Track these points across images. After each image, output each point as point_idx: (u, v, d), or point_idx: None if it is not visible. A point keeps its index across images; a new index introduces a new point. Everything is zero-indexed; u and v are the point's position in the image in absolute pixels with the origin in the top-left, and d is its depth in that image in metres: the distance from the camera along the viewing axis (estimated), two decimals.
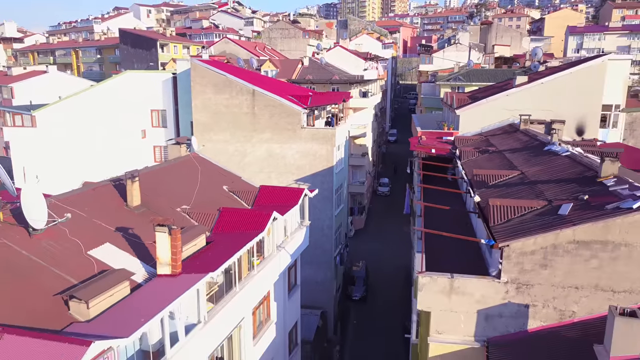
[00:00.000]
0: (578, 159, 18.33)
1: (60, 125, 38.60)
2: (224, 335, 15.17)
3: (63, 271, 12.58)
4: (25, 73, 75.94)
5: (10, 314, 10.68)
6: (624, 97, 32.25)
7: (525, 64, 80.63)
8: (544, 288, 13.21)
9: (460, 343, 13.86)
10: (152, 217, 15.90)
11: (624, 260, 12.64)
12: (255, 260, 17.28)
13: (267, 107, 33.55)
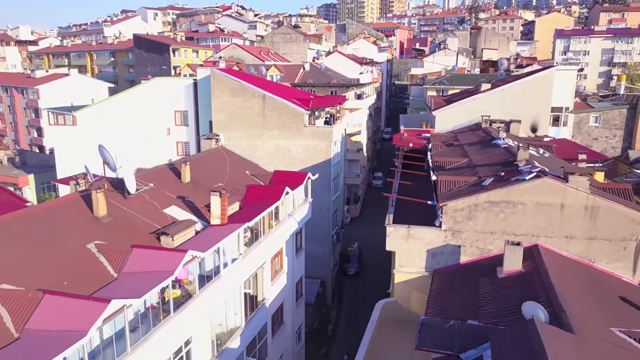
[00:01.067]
0: (509, 149, 24.81)
1: (97, 123, 45.03)
2: (253, 270, 21.67)
3: (149, 220, 19.08)
4: (48, 75, 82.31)
5: (123, 244, 17.11)
6: (572, 101, 38.66)
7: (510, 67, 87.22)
8: (470, 234, 19.71)
9: (415, 273, 20.37)
10: (199, 190, 22.52)
11: (520, 214, 19.15)
12: (272, 222, 23.78)
13: (275, 109, 40.01)
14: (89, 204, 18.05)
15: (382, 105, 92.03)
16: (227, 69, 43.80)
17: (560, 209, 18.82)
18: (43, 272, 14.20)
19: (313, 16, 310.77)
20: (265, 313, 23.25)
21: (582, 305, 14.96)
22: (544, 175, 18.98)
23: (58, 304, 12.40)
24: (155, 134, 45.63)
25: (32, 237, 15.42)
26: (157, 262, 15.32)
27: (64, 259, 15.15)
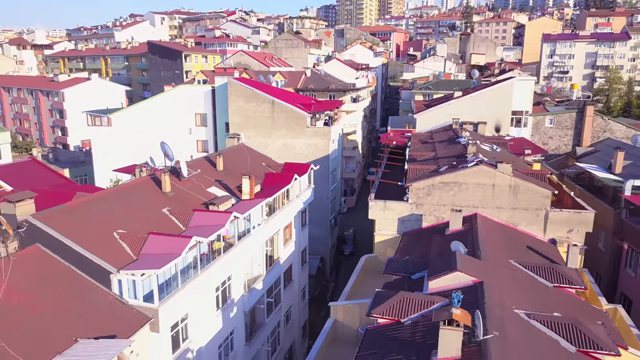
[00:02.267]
0: (466, 145, 32.33)
1: (129, 124, 52.55)
2: (270, 234, 29.24)
3: (199, 196, 26.66)
4: (70, 80, 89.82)
5: (185, 210, 24.64)
6: (531, 105, 46.17)
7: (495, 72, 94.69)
8: (429, 206, 27.28)
9: (390, 235, 27.94)
10: (230, 176, 30.10)
11: (464, 191, 26.72)
12: (285, 201, 31.35)
13: (282, 112, 47.56)
14: (157, 183, 25.63)
15: (377, 106, 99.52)
16: (241, 78, 51.36)
17: (492, 187, 26.42)
18: (141, 223, 21.80)
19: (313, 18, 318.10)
20: (279, 268, 30.83)
21: (495, 248, 22.54)
22: (480, 164, 26.57)
23: (159, 240, 19.99)
24: (178, 133, 53.15)
25: (129, 203, 23.03)
26: (212, 219, 22.91)
27: (150, 217, 22.75)
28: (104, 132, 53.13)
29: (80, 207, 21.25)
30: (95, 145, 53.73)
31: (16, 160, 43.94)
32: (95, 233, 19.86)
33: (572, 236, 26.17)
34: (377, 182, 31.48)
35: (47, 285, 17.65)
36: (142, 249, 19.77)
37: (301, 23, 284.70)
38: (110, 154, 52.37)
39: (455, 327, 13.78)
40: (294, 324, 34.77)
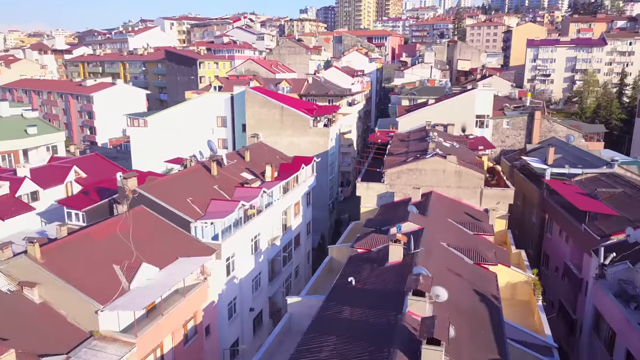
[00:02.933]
0: (430, 142, 43.18)
1: (163, 125, 63.30)
2: (285, 207, 40.15)
3: (235, 178, 37.57)
4: (97, 84, 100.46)
5: (228, 187, 35.54)
6: (491, 110, 56.97)
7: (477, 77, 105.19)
8: (399, 186, 38.16)
9: (371, 207, 38.81)
10: (255, 165, 41.03)
11: (424, 175, 37.61)
12: (295, 184, 42.24)
13: (290, 116, 58.38)
14: (207, 169, 36.52)
15: (372, 107, 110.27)
16: (255, 87, 62.22)
17: (443, 172, 37.33)
18: (202, 194, 32.69)
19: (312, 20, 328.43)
20: (291, 233, 41.74)
21: (438, 211, 33.42)
22: (435, 156, 37.48)
23: (218, 203, 30.91)
24: (202, 132, 63.85)
25: (191, 181, 33.91)
26: (249, 193, 33.82)
27: (206, 191, 33.63)
28: (140, 131, 63.90)
29: (162, 184, 32.18)
30: (133, 142, 64.47)
31: (83, 155, 54.72)
32: (176, 199, 30.76)
33: (499, 207, 37.10)
34: (364, 170, 42.43)
35: (152, 229, 28.56)
36: (207, 209, 30.69)
37: (301, 25, 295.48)
38: (146, 149, 63.13)
39: (398, 244, 24.70)
40: (300, 279, 45.66)
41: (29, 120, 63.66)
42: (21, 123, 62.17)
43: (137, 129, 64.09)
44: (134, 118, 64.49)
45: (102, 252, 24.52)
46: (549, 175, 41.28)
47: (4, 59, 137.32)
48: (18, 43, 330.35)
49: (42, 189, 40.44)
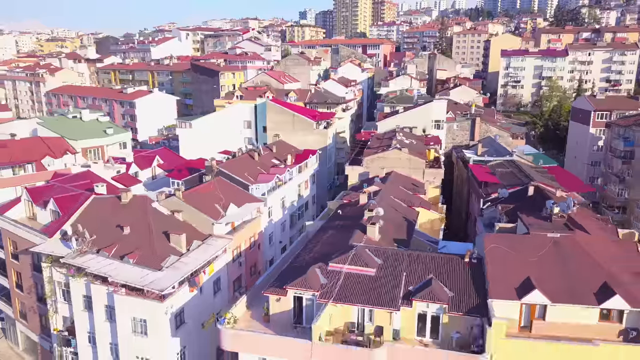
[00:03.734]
0: (394, 140, 64.93)
1: (203, 127, 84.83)
2: (300, 181, 62.00)
3: (268, 163, 59.39)
4: (136, 92, 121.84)
5: (265, 167, 57.28)
6: (445, 116, 78.57)
7: (450, 86, 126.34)
8: (372, 167, 60.00)
9: (354, 181, 60.52)
10: (280, 154, 63.12)
11: (388, 161, 59.39)
12: (305, 167, 64.09)
13: (299, 121, 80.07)
14: (251, 157, 58.28)
15: (363, 111, 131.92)
16: (273, 99, 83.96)
17: (399, 159, 59.11)
18: (251, 171, 54.45)
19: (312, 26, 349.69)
20: (302, 200, 63.55)
21: (395, 182, 55.18)
22: (395, 148, 59.28)
23: (264, 175, 52.80)
24: (233, 133, 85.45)
25: (242, 164, 55.66)
26: (278, 171, 55.68)
27: (253, 169, 55.37)
28: (187, 131, 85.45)
29: (229, 164, 53.93)
30: (181, 139, 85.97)
31: (154, 149, 76.36)
32: (238, 173, 52.45)
33: (435, 180, 58.89)
34: (351, 158, 64.28)
35: (228, 189, 50.24)
36: (257, 179, 52.48)
37: (302, 31, 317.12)
38: (191, 144, 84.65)
39: (364, 194, 46.50)
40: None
41: (103, 123, 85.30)
42: (99, 126, 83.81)
43: (184, 130, 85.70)
44: (182, 122, 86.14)
45: (208, 198, 46.17)
46: (472, 161, 63.13)
47: (46, 67, 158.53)
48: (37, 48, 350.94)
49: (140, 170, 62.23)
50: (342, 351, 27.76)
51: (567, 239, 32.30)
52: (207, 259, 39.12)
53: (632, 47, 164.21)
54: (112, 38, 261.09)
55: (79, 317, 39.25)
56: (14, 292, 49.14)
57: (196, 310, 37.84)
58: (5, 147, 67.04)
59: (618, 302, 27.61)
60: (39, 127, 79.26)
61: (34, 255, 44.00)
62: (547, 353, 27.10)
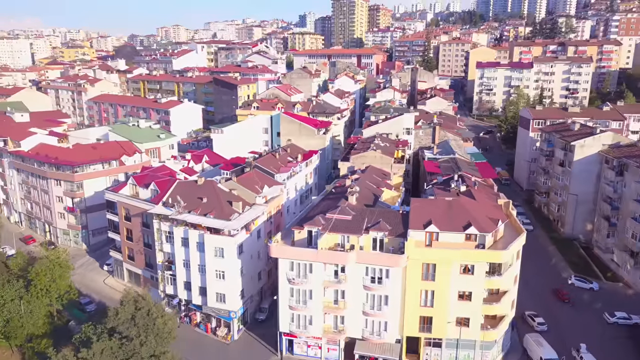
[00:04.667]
0: (372, 143, 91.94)
1: (232, 133, 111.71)
2: (306, 173, 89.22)
3: (286, 159, 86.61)
4: (169, 102, 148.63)
5: (283, 162, 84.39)
6: (413, 124, 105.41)
7: (428, 96, 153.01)
8: (356, 163, 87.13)
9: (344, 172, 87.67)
10: (293, 154, 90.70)
11: (366, 158, 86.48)
12: (310, 163, 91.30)
13: (304, 128, 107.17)
14: (273, 155, 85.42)
15: (356, 117, 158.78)
16: (286, 112, 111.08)
17: (374, 157, 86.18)
18: (273, 165, 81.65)
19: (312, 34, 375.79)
20: (308, 186, 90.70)
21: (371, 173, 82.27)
22: (370, 150, 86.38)
23: (283, 168, 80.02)
24: (253, 137, 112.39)
25: (267, 160, 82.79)
26: (293, 165, 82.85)
27: (275, 164, 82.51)
28: (219, 136, 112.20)
29: (259, 161, 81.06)
30: (215, 141, 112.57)
31: (197, 151, 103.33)
32: (266, 165, 79.50)
33: (399, 172, 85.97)
34: (343, 156, 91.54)
35: (261, 176, 77.38)
36: (279, 170, 79.63)
37: (302, 39, 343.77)
38: (222, 146, 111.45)
39: (349, 179, 73.70)
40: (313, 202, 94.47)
41: (155, 130, 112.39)
42: (153, 132, 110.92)
43: (218, 134, 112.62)
44: (215, 129, 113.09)
45: (250, 181, 73.06)
46: (427, 159, 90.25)
47: (84, 78, 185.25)
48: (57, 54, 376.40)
49: (195, 164, 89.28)
50: (332, 253, 55.02)
51: (455, 201, 59.47)
52: (254, 217, 66.14)
53: (587, 60, 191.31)
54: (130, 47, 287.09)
55: (178, 251, 66.26)
56: (124, 242, 76.23)
57: (248, 246, 64.91)
58: (96, 149, 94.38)
59: (473, 230, 54.74)
60: (110, 133, 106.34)
61: (144, 216, 71.06)
62: (435, 254, 54.30)
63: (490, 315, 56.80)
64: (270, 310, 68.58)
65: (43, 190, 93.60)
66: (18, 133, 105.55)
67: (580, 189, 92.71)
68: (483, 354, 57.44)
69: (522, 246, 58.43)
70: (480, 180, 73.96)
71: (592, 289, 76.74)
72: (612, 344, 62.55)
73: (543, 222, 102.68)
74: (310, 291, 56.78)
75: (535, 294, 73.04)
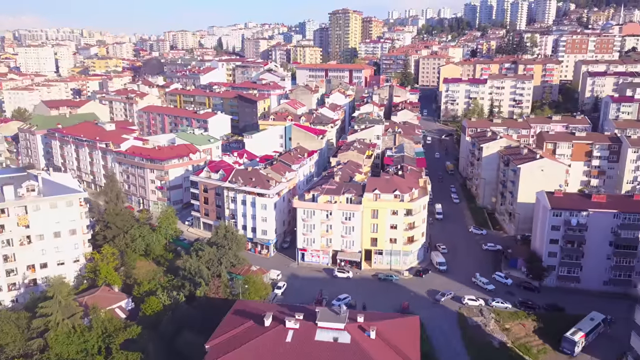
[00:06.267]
0: (352, 146, 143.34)
1: (259, 138, 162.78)
2: (310, 164, 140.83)
3: (297, 156, 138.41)
4: (206, 113, 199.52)
5: (297, 158, 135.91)
6: (382, 132, 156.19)
7: (399, 109, 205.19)
8: (342, 159, 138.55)
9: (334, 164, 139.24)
10: (301, 153, 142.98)
11: (348, 156, 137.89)
12: (312, 159, 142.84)
13: (309, 135, 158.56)
14: (289, 153, 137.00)
15: (345, 125, 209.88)
16: (296, 123, 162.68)
17: (353, 154, 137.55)
18: (290, 159, 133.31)
19: (311, 46, 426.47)
20: (311, 174, 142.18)
21: (350, 164, 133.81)
22: (350, 150, 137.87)
23: (297, 160, 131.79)
24: (273, 141, 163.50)
25: (287, 157, 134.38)
26: (302, 159, 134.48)
27: (291, 159, 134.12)
28: (250, 140, 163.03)
29: (281, 157, 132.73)
30: (247, 144, 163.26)
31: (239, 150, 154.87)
32: (286, 160, 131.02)
33: (367, 164, 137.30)
34: (333, 154, 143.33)
35: (282, 166, 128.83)
36: (294, 162, 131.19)
37: (303, 51, 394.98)
38: (252, 147, 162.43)
39: (337, 167, 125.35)
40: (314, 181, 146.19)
41: (205, 136, 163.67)
42: (205, 137, 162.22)
43: (249, 139, 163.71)
44: (247, 135, 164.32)
45: (278, 168, 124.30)
46: (386, 155, 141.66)
47: (133, 92, 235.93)
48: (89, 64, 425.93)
49: (239, 159, 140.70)
50: (325, 205, 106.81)
51: (389, 178, 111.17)
52: (282, 188, 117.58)
53: (529, 77, 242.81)
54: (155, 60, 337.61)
55: (239, 208, 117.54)
56: (202, 205, 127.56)
57: (279, 204, 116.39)
58: (172, 149, 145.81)
59: (397, 192, 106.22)
60: (177, 138, 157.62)
61: (216, 189, 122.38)
62: (378, 204, 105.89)
63: (408, 237, 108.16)
64: (290, 242, 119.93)
65: (140, 176, 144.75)
66: (112, 138, 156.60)
67: (487, 175, 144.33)
68: (404, 259, 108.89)
69: (427, 202, 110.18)
70: (414, 168, 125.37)
71: (482, 233, 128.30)
72: (484, 258, 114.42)
73: (468, 197, 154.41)
74: (314, 225, 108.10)
75: (449, 235, 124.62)
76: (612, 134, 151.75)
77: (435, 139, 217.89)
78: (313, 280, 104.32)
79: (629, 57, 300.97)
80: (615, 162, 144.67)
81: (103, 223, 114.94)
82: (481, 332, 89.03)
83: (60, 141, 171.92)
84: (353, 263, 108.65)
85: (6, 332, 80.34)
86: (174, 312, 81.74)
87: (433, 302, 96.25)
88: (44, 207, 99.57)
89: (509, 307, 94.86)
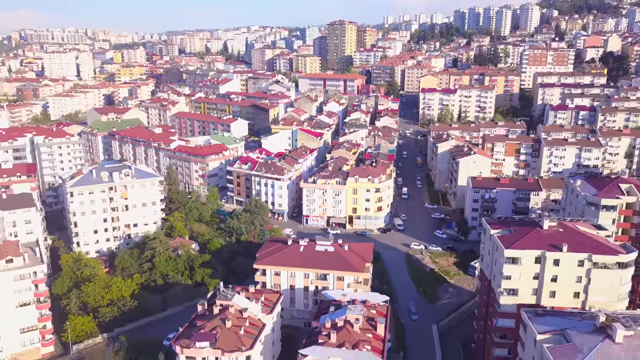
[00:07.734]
0: (341, 145, 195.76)
1: (273, 139, 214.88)
2: (312, 158, 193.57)
3: (302, 153, 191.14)
4: (228, 119, 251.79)
5: (302, 154, 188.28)
6: (365, 136, 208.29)
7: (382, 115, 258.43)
8: (335, 155, 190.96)
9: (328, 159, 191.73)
10: (305, 150, 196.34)
11: (339, 153, 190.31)
12: (313, 155, 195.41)
13: (310, 137, 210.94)
14: (297, 151, 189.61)
15: (339, 128, 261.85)
16: (302, 128, 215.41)
17: (343, 151, 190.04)
18: (299, 155, 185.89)
19: (311, 56, 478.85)
20: (312, 165, 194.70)
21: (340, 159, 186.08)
22: (340, 148, 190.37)
23: (302, 156, 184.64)
24: (283, 142, 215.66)
25: (296, 153, 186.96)
26: (306, 155, 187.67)
27: (299, 155, 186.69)
28: (266, 140, 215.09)
29: (290, 153, 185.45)
30: (264, 144, 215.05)
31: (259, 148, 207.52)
32: (295, 155, 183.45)
33: (352, 158, 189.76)
34: (328, 151, 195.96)
35: (292, 160, 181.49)
36: (300, 157, 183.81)
37: (304, 60, 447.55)
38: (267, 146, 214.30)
39: (331, 161, 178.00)
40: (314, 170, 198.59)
41: (231, 137, 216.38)
42: (231, 138, 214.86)
43: (265, 140, 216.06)
44: (263, 137, 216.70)
45: (290, 161, 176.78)
46: (367, 152, 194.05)
47: (165, 100, 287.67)
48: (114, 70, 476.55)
49: (259, 154, 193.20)
50: (321, 185, 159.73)
51: (366, 167, 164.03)
52: (292, 175, 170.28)
53: (491, 88, 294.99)
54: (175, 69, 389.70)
55: (263, 188, 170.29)
56: (235, 187, 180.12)
57: (290, 185, 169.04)
58: (211, 148, 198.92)
59: (370, 177, 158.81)
60: (211, 139, 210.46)
61: (246, 176, 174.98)
62: (357, 185, 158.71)
63: (378, 207, 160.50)
64: (297, 211, 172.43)
65: (186, 167, 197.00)
66: (161, 138, 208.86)
67: (441, 166, 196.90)
68: (374, 222, 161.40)
69: (391, 182, 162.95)
70: (385, 161, 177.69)
71: (434, 207, 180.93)
72: (431, 222, 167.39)
73: (429, 183, 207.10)
74: (314, 199, 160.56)
75: (410, 209, 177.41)
76: (535, 136, 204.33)
77: (412, 139, 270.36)
78: (314, 236, 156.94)
79: (582, 68, 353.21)
80: (536, 157, 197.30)
81: (168, 199, 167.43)
82: (420, 263, 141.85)
83: (119, 141, 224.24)
84: (340, 224, 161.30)
85: (126, 259, 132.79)
86: (230, 246, 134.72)
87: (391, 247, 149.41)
88: (136, 186, 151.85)
89: (439, 249, 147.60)
